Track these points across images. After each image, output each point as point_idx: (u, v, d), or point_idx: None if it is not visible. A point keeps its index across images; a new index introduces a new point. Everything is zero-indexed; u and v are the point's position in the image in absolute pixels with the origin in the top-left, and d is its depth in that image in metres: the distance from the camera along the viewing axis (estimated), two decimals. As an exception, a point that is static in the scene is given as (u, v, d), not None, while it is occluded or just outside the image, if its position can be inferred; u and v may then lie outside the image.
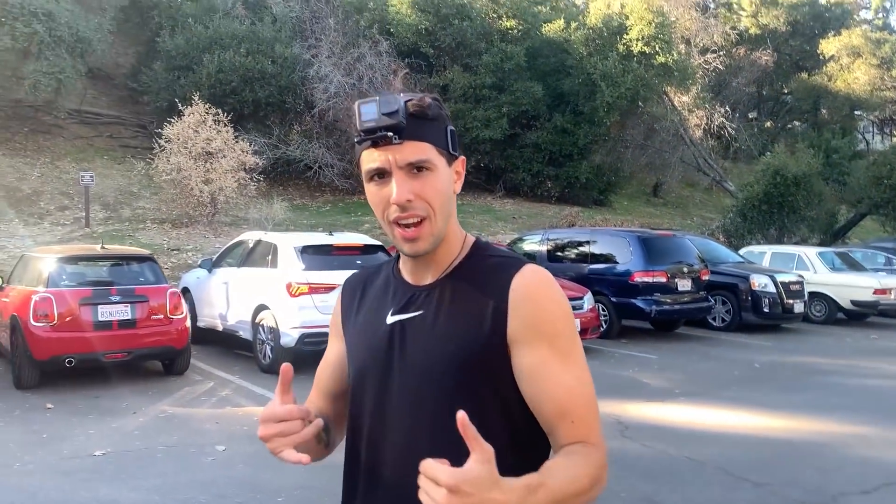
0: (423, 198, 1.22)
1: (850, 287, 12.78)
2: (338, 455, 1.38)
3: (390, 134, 1.19)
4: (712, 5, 40.72)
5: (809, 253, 13.65)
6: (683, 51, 27.16)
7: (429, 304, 1.28)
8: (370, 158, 1.23)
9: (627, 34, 23.06)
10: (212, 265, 9.40)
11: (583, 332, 9.50)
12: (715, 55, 32.38)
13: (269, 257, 8.38)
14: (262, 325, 8.12)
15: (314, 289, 7.76)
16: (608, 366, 8.85)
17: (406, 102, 1.22)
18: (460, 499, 0.93)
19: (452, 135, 1.28)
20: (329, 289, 7.78)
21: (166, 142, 16.68)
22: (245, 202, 17.69)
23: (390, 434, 1.26)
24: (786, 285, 11.75)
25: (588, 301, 9.76)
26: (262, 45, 21.85)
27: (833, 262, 13.66)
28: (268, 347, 8.05)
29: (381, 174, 1.23)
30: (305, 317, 7.70)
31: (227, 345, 9.26)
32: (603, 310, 10.69)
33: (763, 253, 14.01)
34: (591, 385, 1.25)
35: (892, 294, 12.84)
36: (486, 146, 23.79)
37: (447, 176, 1.27)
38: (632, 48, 22.78)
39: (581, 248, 11.54)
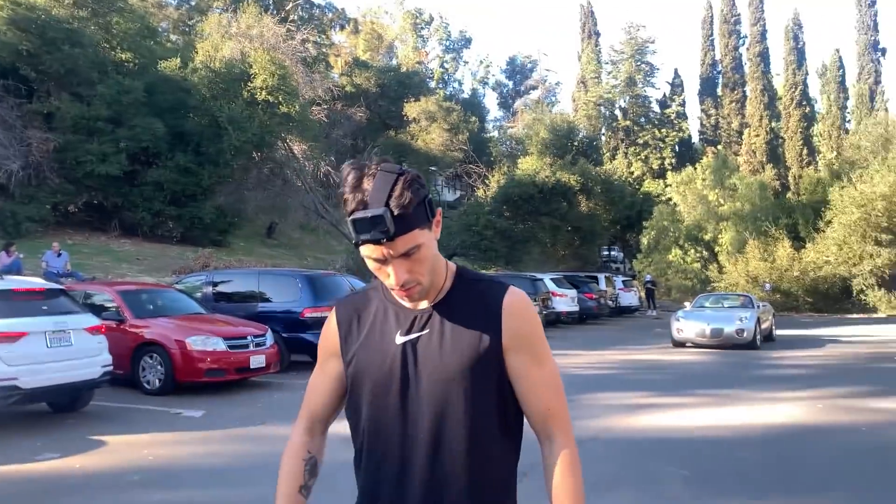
0: (414, 273, 1.48)
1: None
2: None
3: (382, 239, 1.42)
4: (311, 61, 43.83)
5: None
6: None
7: (432, 325, 1.55)
8: (369, 250, 1.46)
9: (252, 82, 23.96)
10: None
11: (266, 366, 10.04)
12: (319, 108, 34.99)
13: (-73, 305, 7.24)
14: (-80, 385, 6.97)
15: (-3, 338, 7.01)
16: (298, 397, 9.55)
17: (389, 203, 1.41)
18: None
19: (430, 203, 1.49)
20: (15, 336, 7.11)
21: None
22: None
23: (414, 434, 1.52)
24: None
25: (269, 338, 10.32)
26: None
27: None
28: (-72, 409, 6.96)
29: (380, 261, 1.48)
30: (-13, 370, 6.90)
31: None
32: (274, 345, 11.29)
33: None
34: (560, 379, 1.59)
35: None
36: (101, 182, 22.31)
37: (431, 240, 1.51)
38: (256, 96, 23.73)
39: (249, 289, 12.04)
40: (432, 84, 57.19)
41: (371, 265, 1.49)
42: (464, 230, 23.40)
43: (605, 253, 48.74)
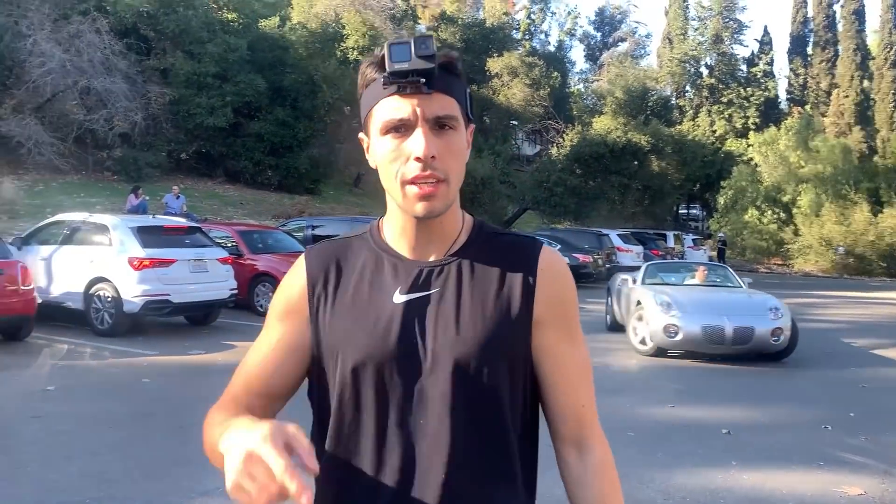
0: (444, 158, 1.08)
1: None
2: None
3: (422, 80, 1.05)
4: (400, 16, 45.18)
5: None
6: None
7: (445, 282, 1.15)
8: (393, 107, 1.08)
9: (345, 42, 25.76)
10: (21, 243, 9.99)
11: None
12: (406, 63, 36.40)
13: (102, 236, 9.45)
14: (99, 296, 9.21)
15: (154, 262, 9.14)
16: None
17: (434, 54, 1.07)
18: None
19: (471, 98, 1.16)
20: (167, 262, 9.24)
21: None
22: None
23: (417, 436, 1.11)
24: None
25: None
26: (-40, 9, 20.29)
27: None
28: (105, 315, 9.18)
29: (402, 127, 1.08)
30: (148, 286, 9.06)
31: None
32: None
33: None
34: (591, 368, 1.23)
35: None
36: (209, 133, 24.74)
37: (464, 140, 1.14)
38: (349, 56, 25.55)
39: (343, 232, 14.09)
40: (518, 36, 57.57)
41: (384, 147, 1.10)
42: (535, 186, 24.90)
43: (685, 211, 49.09)
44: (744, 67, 47.88)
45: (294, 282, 1.21)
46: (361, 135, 1.19)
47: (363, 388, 1.13)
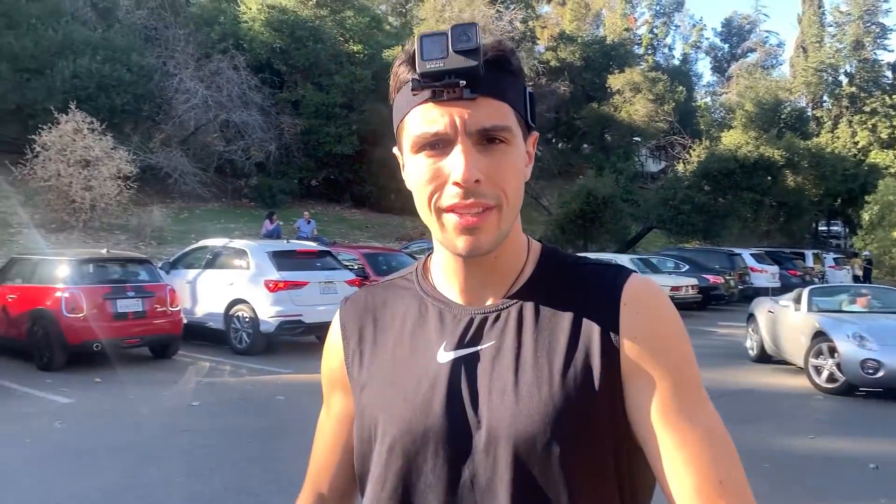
0: (494, 180, 0.85)
1: (654, 285, 16.56)
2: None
3: (462, 83, 0.82)
4: (518, 38, 45.45)
5: (623, 259, 17.36)
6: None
7: (502, 333, 0.90)
8: (426, 119, 0.86)
9: (465, 67, 26.24)
10: (170, 267, 10.79)
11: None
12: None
13: (241, 260, 10.06)
14: (238, 316, 9.78)
15: (288, 285, 9.62)
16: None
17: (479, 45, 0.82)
18: None
19: (532, 100, 0.92)
20: (300, 284, 9.69)
21: (42, 148, 16.99)
22: (121, 209, 18.31)
23: None
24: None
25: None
26: (118, 53, 22.19)
27: (639, 266, 17.47)
28: (244, 334, 9.73)
29: (438, 143, 0.86)
30: (282, 307, 9.53)
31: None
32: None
33: (589, 258, 17.53)
34: (726, 430, 0.88)
35: (682, 290, 16.85)
36: (337, 160, 25.79)
37: (522, 154, 0.90)
38: (468, 80, 25.99)
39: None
40: (640, 51, 56.50)
41: (418, 167, 0.89)
42: (660, 204, 24.26)
43: (824, 228, 46.25)
44: (889, 74, 44.74)
45: (330, 346, 1.03)
46: (396, 150, 0.97)
47: (403, 469, 0.90)
